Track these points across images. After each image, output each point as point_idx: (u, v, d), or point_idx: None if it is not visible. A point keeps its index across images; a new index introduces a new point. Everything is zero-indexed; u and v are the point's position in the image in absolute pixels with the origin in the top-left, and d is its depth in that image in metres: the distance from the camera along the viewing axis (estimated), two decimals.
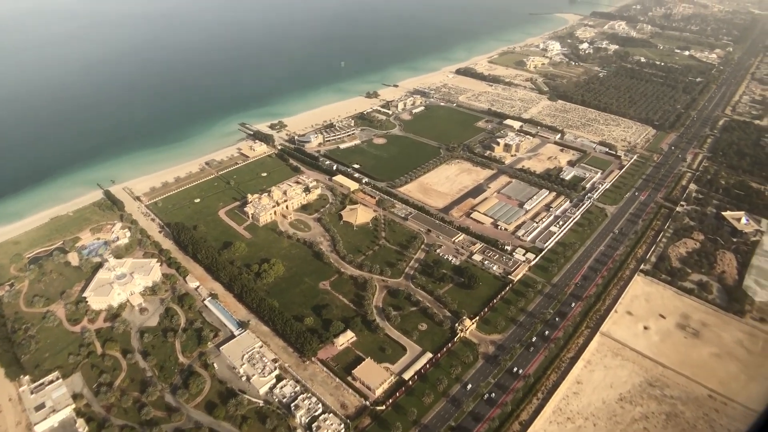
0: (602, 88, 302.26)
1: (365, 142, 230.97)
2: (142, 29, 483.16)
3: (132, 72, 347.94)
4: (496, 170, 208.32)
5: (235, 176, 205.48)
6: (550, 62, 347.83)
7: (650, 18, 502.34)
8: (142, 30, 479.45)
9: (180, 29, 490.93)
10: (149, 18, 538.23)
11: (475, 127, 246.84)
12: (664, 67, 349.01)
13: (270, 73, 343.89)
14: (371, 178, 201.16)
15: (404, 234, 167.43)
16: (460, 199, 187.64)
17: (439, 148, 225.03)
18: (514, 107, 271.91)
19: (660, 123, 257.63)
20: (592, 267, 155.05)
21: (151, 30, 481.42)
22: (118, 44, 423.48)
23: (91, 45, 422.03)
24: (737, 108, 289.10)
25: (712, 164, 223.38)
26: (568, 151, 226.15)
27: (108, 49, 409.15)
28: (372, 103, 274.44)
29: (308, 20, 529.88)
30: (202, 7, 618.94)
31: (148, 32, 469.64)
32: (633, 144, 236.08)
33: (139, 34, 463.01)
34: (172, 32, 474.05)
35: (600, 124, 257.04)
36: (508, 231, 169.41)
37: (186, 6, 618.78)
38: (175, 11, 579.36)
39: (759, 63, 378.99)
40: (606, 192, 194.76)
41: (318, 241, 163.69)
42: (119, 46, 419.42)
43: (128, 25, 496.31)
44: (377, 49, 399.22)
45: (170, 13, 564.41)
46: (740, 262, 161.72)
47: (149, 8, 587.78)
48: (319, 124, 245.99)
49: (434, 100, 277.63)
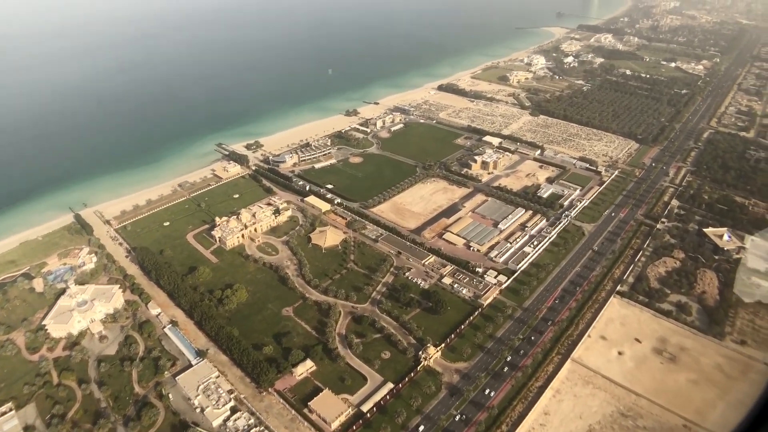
0: (585, 102, 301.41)
1: (341, 162, 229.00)
2: (119, 51, 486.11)
3: (109, 93, 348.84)
4: (473, 188, 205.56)
5: (206, 198, 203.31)
6: (533, 77, 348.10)
7: (637, 30, 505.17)
8: (118, 52, 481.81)
9: (159, 49, 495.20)
10: (126, 39, 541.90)
11: (453, 144, 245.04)
12: (650, 80, 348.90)
13: (250, 92, 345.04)
14: (344, 198, 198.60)
15: (374, 256, 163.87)
16: (434, 219, 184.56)
17: (415, 166, 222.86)
18: (495, 123, 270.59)
19: (643, 137, 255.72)
20: (566, 289, 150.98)
21: (128, 51, 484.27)
22: (95, 66, 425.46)
23: (66, 67, 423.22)
24: (723, 120, 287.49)
25: (696, 178, 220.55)
26: (547, 167, 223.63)
27: (84, 70, 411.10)
28: (351, 121, 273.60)
29: (290, 38, 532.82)
30: (181, 25, 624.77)
31: (125, 54, 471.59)
32: (614, 159, 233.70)
33: (115, 55, 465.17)
34: (150, 53, 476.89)
35: (582, 139, 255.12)
36: (481, 252, 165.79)
37: (166, 25, 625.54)
38: (154, 31, 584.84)
39: (746, 73, 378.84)
40: (584, 209, 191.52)
41: (284, 265, 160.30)
42: (96, 68, 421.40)
43: (105, 47, 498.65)
44: (360, 67, 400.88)
45: (150, 33, 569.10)
46: (722, 281, 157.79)
47: (126, 30, 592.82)
48: (296, 144, 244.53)
49: (414, 117, 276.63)
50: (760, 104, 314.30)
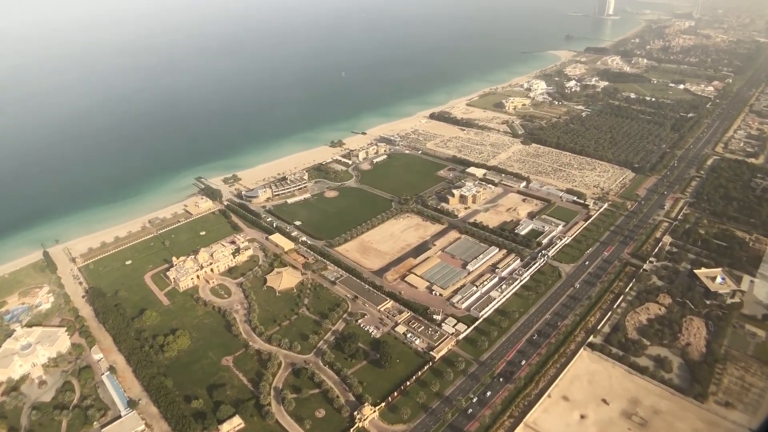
0: (582, 128, 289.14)
1: (316, 196, 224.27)
2: (102, 83, 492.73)
3: (92, 126, 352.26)
4: (447, 225, 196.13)
5: (173, 236, 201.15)
6: (531, 102, 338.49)
7: (647, 51, 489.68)
8: (102, 84, 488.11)
9: (144, 79, 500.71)
10: (111, 72, 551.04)
11: (435, 176, 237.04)
12: (654, 103, 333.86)
13: (237, 123, 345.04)
14: (310, 236, 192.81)
15: (329, 301, 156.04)
16: (400, 260, 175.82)
17: (391, 200, 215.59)
18: (483, 153, 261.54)
19: (640, 165, 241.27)
20: (531, 340, 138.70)
21: (112, 83, 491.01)
22: (79, 100, 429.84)
23: (50, 102, 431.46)
24: (730, 145, 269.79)
25: (694, 211, 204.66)
26: (531, 200, 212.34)
27: (67, 105, 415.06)
28: (335, 152, 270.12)
29: (283, 67, 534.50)
30: (172, 56, 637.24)
31: (111, 87, 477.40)
32: (606, 190, 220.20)
33: (99, 88, 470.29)
34: (137, 85, 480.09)
35: (574, 168, 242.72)
36: (443, 297, 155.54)
37: (153, 56, 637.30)
38: (141, 62, 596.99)
39: (759, 94, 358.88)
40: (565, 248, 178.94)
41: (234, 310, 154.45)
42: (81, 101, 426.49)
43: (87, 81, 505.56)
44: (352, 95, 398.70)
45: (137, 65, 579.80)
46: (711, 331, 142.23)
47: (113, 62, 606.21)
48: (273, 177, 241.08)
49: (399, 147, 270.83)
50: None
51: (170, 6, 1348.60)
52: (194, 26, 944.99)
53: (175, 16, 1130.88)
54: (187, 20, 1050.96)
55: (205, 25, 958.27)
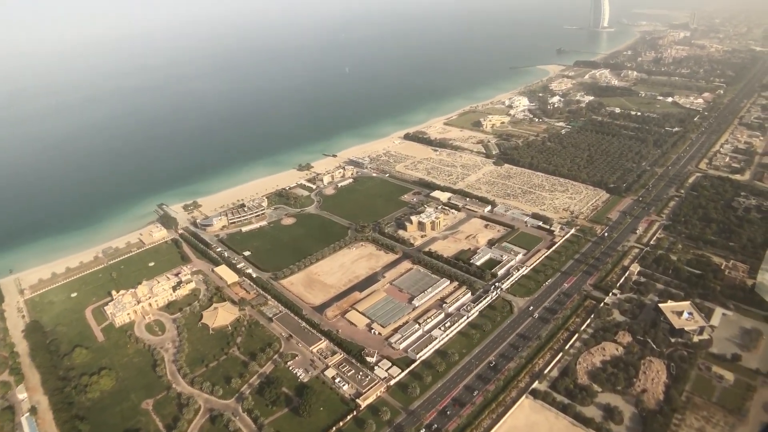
0: (559, 147, 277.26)
1: (272, 224, 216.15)
2: (75, 110, 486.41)
3: (61, 152, 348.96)
4: (401, 254, 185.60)
5: (122, 267, 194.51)
6: (510, 120, 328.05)
7: (638, 64, 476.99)
8: (74, 111, 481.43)
9: (118, 105, 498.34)
10: (85, 97, 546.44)
11: (399, 200, 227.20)
12: (639, 118, 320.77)
13: (206, 146, 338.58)
14: (257, 267, 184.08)
15: (262, 340, 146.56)
16: (345, 294, 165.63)
17: (348, 228, 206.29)
18: (452, 175, 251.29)
19: (616, 186, 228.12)
20: (469, 386, 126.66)
21: (81, 106, 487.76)
22: (46, 124, 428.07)
23: (22, 130, 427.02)
24: (715, 161, 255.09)
25: (668, 235, 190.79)
26: (493, 226, 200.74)
27: (39, 132, 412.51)
28: (302, 176, 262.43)
29: (258, 88, 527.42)
30: (152, 78, 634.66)
31: (89, 112, 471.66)
32: (575, 214, 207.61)
33: (77, 114, 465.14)
34: (107, 110, 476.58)
35: (544, 190, 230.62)
36: (382, 336, 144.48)
37: (133, 80, 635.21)
38: (118, 87, 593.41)
39: (751, 105, 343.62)
40: (522, 279, 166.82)
41: (164, 348, 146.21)
42: (47, 125, 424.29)
43: (63, 108, 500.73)
44: (329, 115, 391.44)
45: (108, 90, 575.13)
46: (672, 374, 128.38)
47: (92, 86, 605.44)
48: (234, 204, 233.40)
49: (367, 170, 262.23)
50: (761, 140, 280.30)
51: (150, 29, 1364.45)
52: (175, 49, 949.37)
53: (154, 40, 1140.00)
54: (168, 43, 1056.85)
55: (186, 48, 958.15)
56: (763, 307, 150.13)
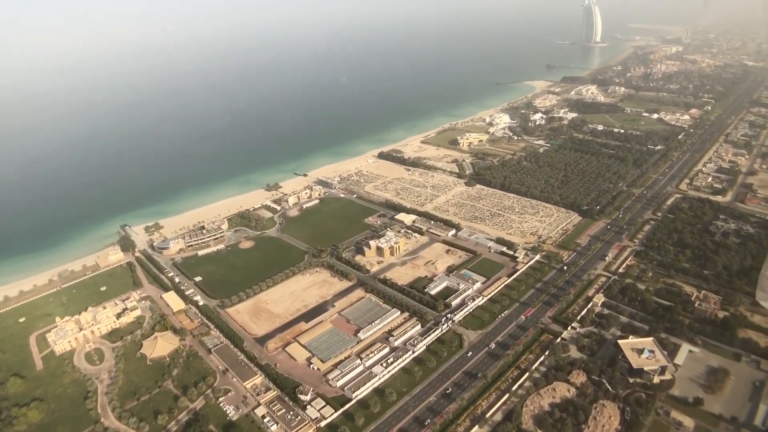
0: (534, 167, 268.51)
1: (230, 247, 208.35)
2: (51, 127, 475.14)
3: (30, 170, 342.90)
4: (355, 281, 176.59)
5: (74, 291, 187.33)
6: (489, 138, 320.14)
7: (627, 79, 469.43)
8: (52, 128, 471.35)
9: (90, 119, 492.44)
10: (53, 112, 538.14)
11: (363, 223, 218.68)
12: (622, 135, 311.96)
13: (178, 165, 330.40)
14: (206, 294, 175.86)
15: (199, 372, 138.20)
16: (291, 324, 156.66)
17: (306, 252, 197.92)
18: (421, 196, 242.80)
19: (589, 208, 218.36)
20: (404, 430, 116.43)
21: (53, 125, 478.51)
22: (15, 142, 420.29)
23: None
24: (696, 181, 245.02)
25: (639, 262, 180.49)
26: (456, 251, 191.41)
27: (19, 149, 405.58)
28: (269, 196, 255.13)
29: (236, 107, 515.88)
30: (136, 94, 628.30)
31: (62, 129, 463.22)
32: (543, 238, 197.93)
33: (52, 132, 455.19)
34: (84, 127, 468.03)
35: (514, 212, 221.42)
36: (321, 371, 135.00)
37: (112, 96, 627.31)
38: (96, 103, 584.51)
39: (739, 121, 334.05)
40: (477, 309, 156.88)
41: (100, 379, 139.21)
42: (17, 143, 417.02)
43: (24, 126, 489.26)
44: (306, 133, 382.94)
45: (85, 109, 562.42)
46: (625, 420, 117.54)
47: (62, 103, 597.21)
48: (195, 225, 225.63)
49: (335, 191, 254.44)
50: (746, 158, 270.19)
51: (134, 44, 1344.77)
52: (155, 67, 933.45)
53: (137, 57, 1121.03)
54: (147, 61, 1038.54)
55: (166, 66, 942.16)
56: (732, 343, 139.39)
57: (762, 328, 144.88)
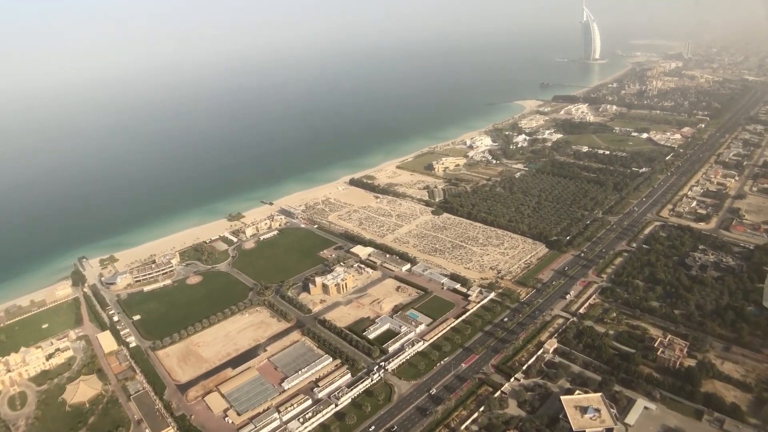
0: (507, 193, 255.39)
1: (177, 283, 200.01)
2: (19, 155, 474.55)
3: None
4: (294, 322, 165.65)
5: (17, 328, 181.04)
6: (466, 162, 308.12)
7: (620, 97, 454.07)
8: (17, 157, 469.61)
9: (62, 148, 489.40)
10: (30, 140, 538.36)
11: (317, 256, 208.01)
12: (606, 157, 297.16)
13: (145, 193, 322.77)
14: (140, 335, 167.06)
15: (114, 421, 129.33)
16: (218, 369, 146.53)
17: (251, 289, 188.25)
18: (383, 226, 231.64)
19: (557, 238, 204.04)
20: None
21: (31, 154, 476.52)
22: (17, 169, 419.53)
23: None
24: (679, 206, 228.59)
25: (604, 301, 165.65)
26: (406, 288, 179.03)
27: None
28: (230, 226, 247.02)
29: (214, 132, 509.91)
30: (97, 123, 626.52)
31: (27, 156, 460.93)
32: (502, 273, 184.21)
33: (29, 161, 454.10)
34: (53, 152, 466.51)
35: (477, 244, 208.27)
36: (235, 425, 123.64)
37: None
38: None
39: (732, 140, 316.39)
40: (416, 356, 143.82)
41: (17, 426, 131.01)
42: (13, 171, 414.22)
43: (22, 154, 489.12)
44: (281, 158, 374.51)
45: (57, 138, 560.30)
46: None
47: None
48: (146, 259, 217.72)
49: (297, 220, 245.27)
50: (737, 180, 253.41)
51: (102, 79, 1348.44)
52: (131, 93, 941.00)
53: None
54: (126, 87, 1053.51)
55: (145, 93, 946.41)
56: (694, 398, 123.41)
57: (731, 379, 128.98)
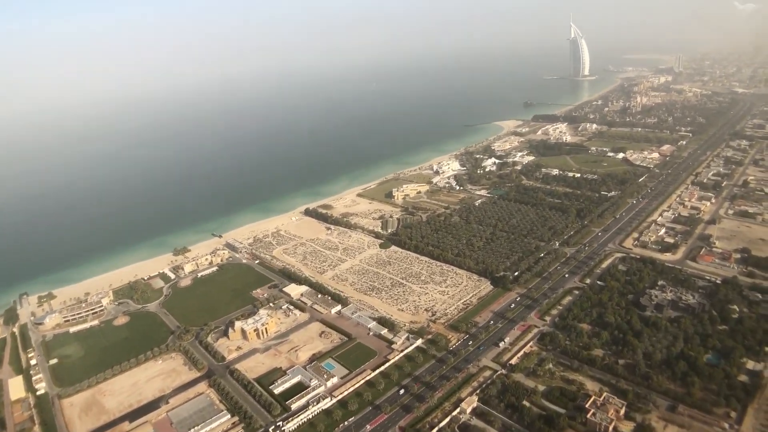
0: (462, 222, 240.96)
1: (104, 323, 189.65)
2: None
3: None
4: (205, 371, 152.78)
5: None
6: (429, 189, 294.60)
7: (603, 115, 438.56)
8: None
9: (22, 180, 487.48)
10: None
11: (249, 296, 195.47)
12: (575, 181, 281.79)
13: (97, 225, 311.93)
14: (52, 380, 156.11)
15: None
16: (116, 423, 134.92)
17: (173, 332, 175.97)
18: (326, 261, 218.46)
19: (503, 275, 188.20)
20: None
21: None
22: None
23: None
24: (646, 235, 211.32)
25: (543, 349, 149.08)
26: (330, 334, 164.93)
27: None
28: (173, 261, 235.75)
29: (180, 161, 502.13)
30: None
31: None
32: (437, 316, 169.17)
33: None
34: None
35: (418, 281, 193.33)
36: None
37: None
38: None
39: (713, 158, 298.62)
40: (321, 414, 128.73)
41: None
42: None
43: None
44: (240, 187, 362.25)
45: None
46: None
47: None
48: (78, 298, 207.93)
49: (240, 255, 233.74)
50: (713, 203, 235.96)
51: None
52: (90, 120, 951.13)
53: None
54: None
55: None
56: None
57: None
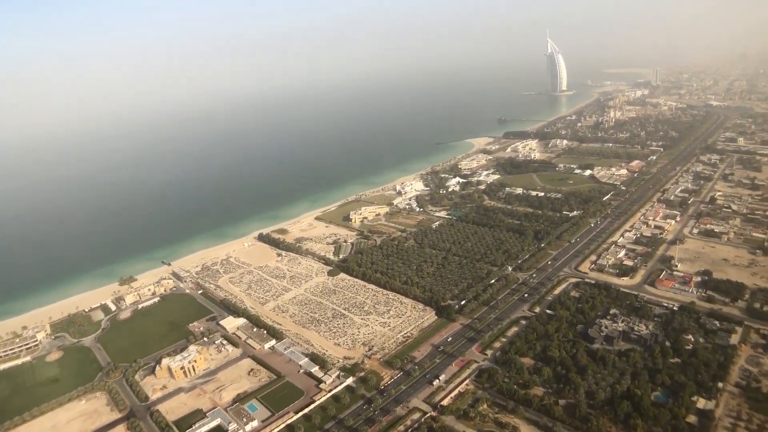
0: (416, 246, 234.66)
1: (37, 359, 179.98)
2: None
3: None
4: (126, 413, 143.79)
5: None
6: (389, 211, 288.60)
7: (575, 130, 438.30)
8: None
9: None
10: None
11: (186, 329, 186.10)
12: (537, 200, 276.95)
13: (38, 255, 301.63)
14: None
15: None
16: None
17: (101, 369, 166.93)
18: (271, 290, 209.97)
19: (448, 304, 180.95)
20: None
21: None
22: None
23: None
24: (604, 257, 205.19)
25: (478, 388, 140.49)
26: (259, 372, 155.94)
27: None
28: (116, 292, 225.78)
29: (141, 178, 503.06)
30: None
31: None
32: (374, 351, 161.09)
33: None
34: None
35: (361, 312, 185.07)
36: None
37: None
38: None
39: (683, 173, 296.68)
40: None
41: None
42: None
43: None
44: (195, 211, 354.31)
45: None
46: None
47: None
48: (16, 332, 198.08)
49: (185, 284, 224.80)
50: (677, 222, 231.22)
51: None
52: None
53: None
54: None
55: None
56: None
57: None
